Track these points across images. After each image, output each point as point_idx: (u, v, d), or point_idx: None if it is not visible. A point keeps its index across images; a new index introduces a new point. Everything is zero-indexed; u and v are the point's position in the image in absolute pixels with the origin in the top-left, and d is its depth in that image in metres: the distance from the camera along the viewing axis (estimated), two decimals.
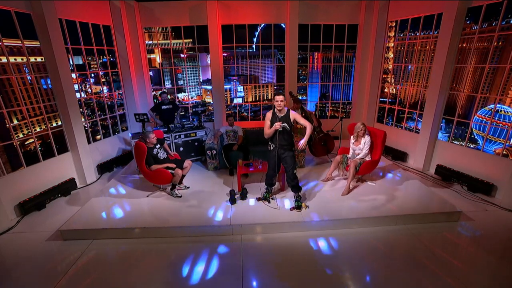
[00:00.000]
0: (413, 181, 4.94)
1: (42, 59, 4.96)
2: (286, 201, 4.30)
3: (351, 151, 4.78)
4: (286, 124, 3.70)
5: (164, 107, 6.16)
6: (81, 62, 6.01)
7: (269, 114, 3.93)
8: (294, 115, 3.82)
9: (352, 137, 4.76)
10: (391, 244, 3.50)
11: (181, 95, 8.56)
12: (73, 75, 6.55)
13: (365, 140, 4.58)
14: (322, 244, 3.52)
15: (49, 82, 5.20)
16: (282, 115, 3.81)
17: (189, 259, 3.32)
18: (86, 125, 5.97)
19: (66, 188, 5.05)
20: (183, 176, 4.78)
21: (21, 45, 4.70)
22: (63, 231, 3.67)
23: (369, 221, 3.87)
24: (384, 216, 3.89)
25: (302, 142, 3.72)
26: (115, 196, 4.72)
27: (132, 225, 3.82)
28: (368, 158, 4.64)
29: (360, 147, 4.63)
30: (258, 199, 4.34)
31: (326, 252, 3.37)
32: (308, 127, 3.72)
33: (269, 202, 4.26)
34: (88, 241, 3.66)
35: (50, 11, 4.67)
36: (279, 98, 3.74)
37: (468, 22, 5.44)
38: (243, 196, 4.39)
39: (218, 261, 3.27)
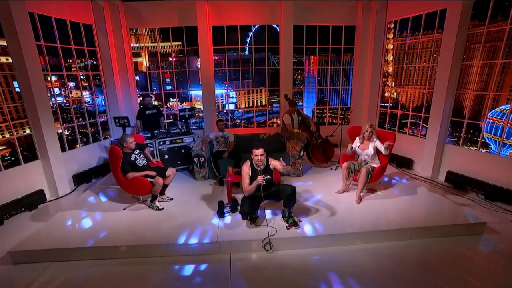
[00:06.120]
0: (424, 190, 4.44)
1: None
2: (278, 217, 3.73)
3: (356, 155, 4.30)
4: (269, 176, 3.34)
5: (148, 112, 5.68)
6: (59, 64, 5.49)
7: (246, 169, 3.39)
8: (274, 162, 3.46)
9: (357, 138, 4.28)
10: (406, 262, 2.95)
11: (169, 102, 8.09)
12: (53, 78, 6.07)
13: (375, 145, 4.09)
14: (326, 262, 2.95)
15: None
16: (263, 166, 3.39)
17: (168, 283, 2.73)
18: (61, 131, 5.43)
19: (32, 201, 4.43)
20: (165, 186, 4.22)
21: None
22: (13, 253, 3.04)
23: (379, 235, 3.33)
24: (396, 230, 3.36)
25: (288, 168, 3.36)
26: (87, 209, 4.11)
27: (101, 243, 3.22)
28: (376, 165, 4.14)
29: (367, 152, 4.13)
30: (249, 219, 3.55)
31: (330, 272, 2.79)
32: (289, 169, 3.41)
33: (254, 221, 3.52)
34: (45, 265, 3.03)
35: (18, 3, 4.21)
36: (259, 152, 3.29)
37: (472, 20, 5.13)
38: (233, 209, 3.82)
39: (202, 285, 2.68)
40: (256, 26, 6.96)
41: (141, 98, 7.08)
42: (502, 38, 4.47)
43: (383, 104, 6.85)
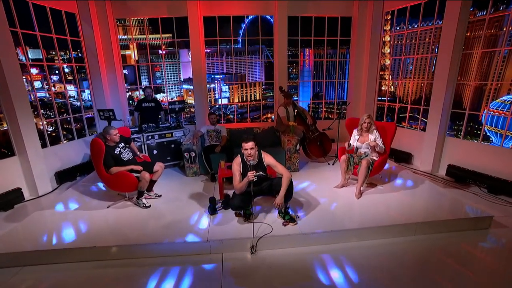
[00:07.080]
0: (425, 184, 4.25)
1: None
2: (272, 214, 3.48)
3: (355, 148, 4.09)
4: (261, 172, 3.16)
5: (145, 104, 5.33)
6: (40, 56, 5.14)
7: (236, 165, 3.14)
8: (268, 159, 3.19)
9: (355, 131, 4.06)
10: (410, 259, 2.74)
11: (159, 96, 7.77)
12: (34, 71, 5.76)
13: (375, 136, 3.88)
14: (325, 260, 2.72)
15: None
16: (254, 162, 3.10)
17: (155, 287, 2.46)
18: (42, 127, 5.10)
19: (8, 200, 4.09)
20: (153, 182, 3.95)
21: None
22: None
23: (381, 231, 3.11)
24: (400, 225, 3.14)
25: (278, 199, 3.02)
26: (67, 208, 3.82)
27: (81, 244, 2.93)
28: (376, 157, 3.93)
29: (367, 145, 3.92)
30: (242, 216, 3.35)
31: (330, 270, 2.56)
32: (286, 177, 3.03)
33: (248, 218, 3.30)
34: (15, 270, 2.73)
35: None
36: (248, 145, 3.02)
37: (471, 9, 4.98)
38: (226, 205, 3.57)
39: None
40: (249, 17, 6.71)
41: (139, 91, 6.74)
42: (503, 26, 4.32)
43: (380, 98, 6.67)
